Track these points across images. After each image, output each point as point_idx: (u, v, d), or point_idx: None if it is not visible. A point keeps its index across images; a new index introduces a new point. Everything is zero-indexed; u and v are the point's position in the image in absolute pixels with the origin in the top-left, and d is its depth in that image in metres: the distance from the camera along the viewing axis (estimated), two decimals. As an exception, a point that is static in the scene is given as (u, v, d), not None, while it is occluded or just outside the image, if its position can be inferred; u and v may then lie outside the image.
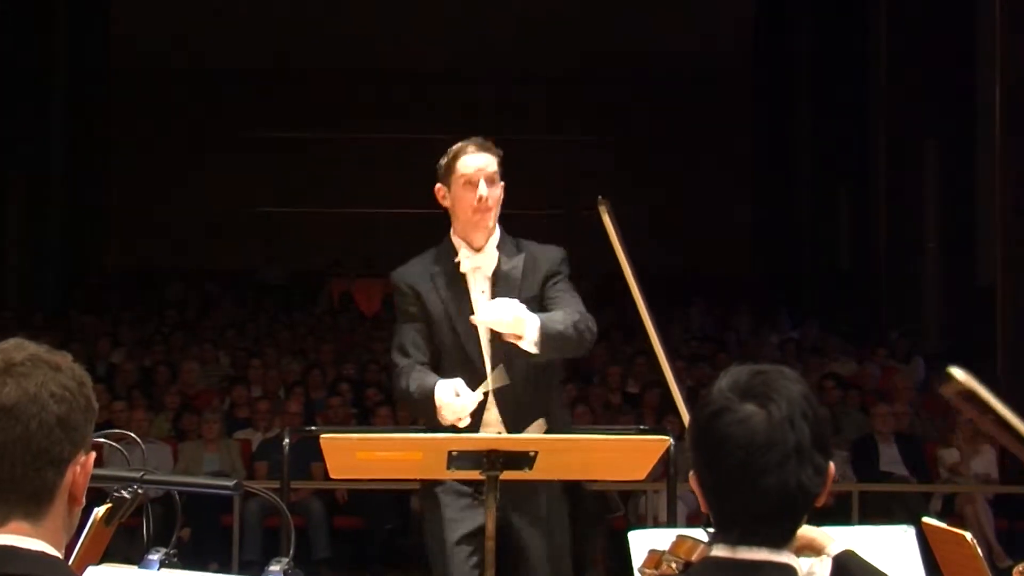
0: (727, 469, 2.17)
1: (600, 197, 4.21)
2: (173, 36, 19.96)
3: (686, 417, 4.11)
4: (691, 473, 2.26)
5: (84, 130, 18.71)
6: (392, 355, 4.39)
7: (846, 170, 17.42)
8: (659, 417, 10.01)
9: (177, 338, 13.83)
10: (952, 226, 14.40)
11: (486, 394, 4.26)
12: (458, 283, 4.37)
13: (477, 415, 4.26)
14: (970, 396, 2.26)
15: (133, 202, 20.17)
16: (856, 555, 2.50)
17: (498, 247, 4.41)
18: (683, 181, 20.59)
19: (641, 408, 11.01)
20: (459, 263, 4.38)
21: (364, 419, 10.66)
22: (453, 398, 4.12)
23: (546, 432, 4.33)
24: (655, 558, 2.57)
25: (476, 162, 4.37)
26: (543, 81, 20.47)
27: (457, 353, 4.33)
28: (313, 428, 8.12)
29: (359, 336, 14.55)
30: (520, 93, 20.54)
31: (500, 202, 4.44)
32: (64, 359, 2.11)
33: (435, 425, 4.21)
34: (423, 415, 4.33)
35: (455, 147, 4.42)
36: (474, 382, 4.21)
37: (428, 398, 4.16)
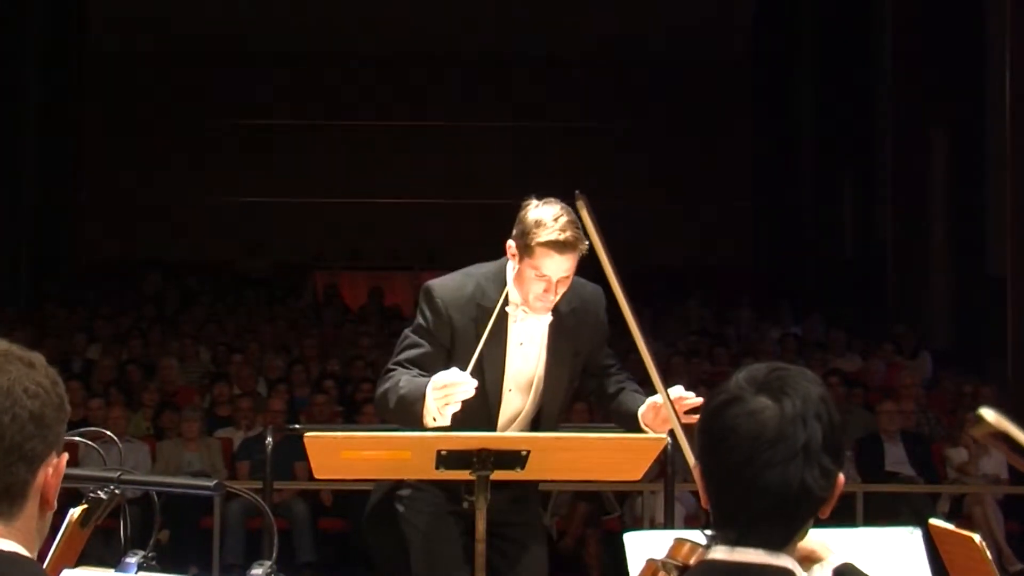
0: (731, 460, 2.13)
1: (577, 192, 4.01)
2: (147, 24, 19.79)
3: (674, 420, 4.01)
4: (694, 464, 2.23)
5: (62, 121, 18.60)
6: (391, 362, 4.21)
7: (850, 158, 17.33)
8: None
9: (155, 333, 13.68)
10: (960, 216, 14.25)
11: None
12: (500, 326, 4.17)
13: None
14: (1002, 437, 2.05)
15: (109, 194, 20.01)
16: (856, 568, 2.40)
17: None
18: (682, 172, 20.48)
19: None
20: (508, 312, 4.20)
21: (350, 417, 10.53)
22: (454, 376, 3.92)
23: None
24: (652, 567, 2.42)
25: (559, 267, 4.12)
26: (540, 72, 20.35)
27: (476, 392, 4.11)
28: (297, 426, 8.20)
29: (345, 331, 14.36)
30: (516, 83, 20.40)
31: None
32: (37, 357, 2.10)
33: (415, 427, 4.05)
34: (401, 419, 4.10)
35: (541, 222, 4.10)
36: (485, 421, 4.13)
37: (416, 397, 3.96)
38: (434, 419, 3.93)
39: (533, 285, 4.12)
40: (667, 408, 4.07)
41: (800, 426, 2.11)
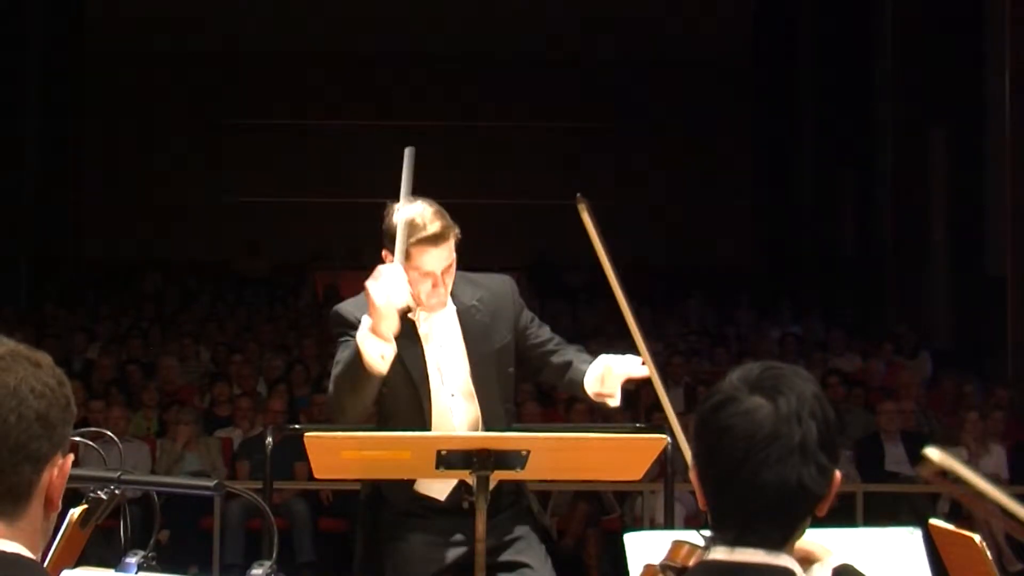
0: (727, 460, 2.13)
1: (578, 195, 4.01)
2: (148, 25, 19.76)
3: (673, 419, 4.03)
4: (691, 465, 2.23)
5: (61, 121, 18.62)
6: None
7: (850, 158, 17.29)
8: (648, 414, 9.77)
9: (155, 333, 13.66)
10: (960, 216, 14.22)
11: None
12: (411, 331, 4.13)
13: (447, 418, 4.14)
14: (948, 475, 2.06)
15: (108, 194, 19.98)
16: (855, 569, 2.41)
17: (453, 298, 4.21)
18: (682, 170, 20.47)
19: (636, 405, 10.79)
20: (414, 319, 4.16)
21: (350, 417, 10.39)
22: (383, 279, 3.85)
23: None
24: (651, 571, 2.44)
25: (438, 259, 4.11)
26: (538, 69, 20.33)
27: (408, 397, 4.12)
28: (297, 426, 8.08)
29: (344, 331, 14.30)
30: (515, 83, 20.38)
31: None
32: (44, 357, 2.10)
33: (364, 386, 3.91)
34: (349, 387, 3.97)
35: (408, 223, 4.06)
36: (421, 426, 4.09)
37: (354, 354, 3.87)
38: (382, 356, 3.85)
39: (421, 285, 4.10)
40: (668, 413, 4.08)
41: (795, 424, 2.12)
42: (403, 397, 4.12)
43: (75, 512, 2.89)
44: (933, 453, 2.11)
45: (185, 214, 20.05)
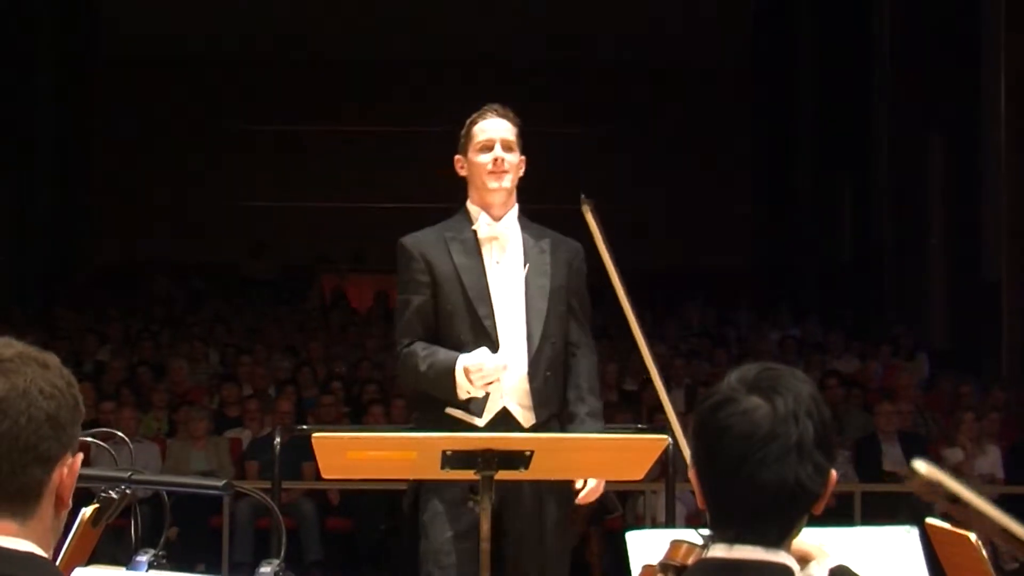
0: (726, 460, 2.15)
1: (583, 196, 4.16)
2: (155, 29, 19.79)
3: (673, 419, 4.15)
4: (690, 464, 2.25)
5: (70, 125, 18.64)
6: (398, 330, 4.38)
7: (848, 162, 17.30)
8: (649, 415, 9.85)
9: (164, 335, 13.68)
10: (957, 219, 14.26)
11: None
12: (473, 248, 4.36)
13: (482, 403, 4.27)
14: (937, 488, 2.17)
15: (118, 197, 20.02)
16: (851, 571, 2.43)
17: (520, 222, 4.43)
18: (682, 174, 20.47)
19: (639, 406, 10.88)
20: (476, 230, 4.37)
21: (357, 418, 10.56)
22: (484, 359, 4.12)
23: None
24: (650, 572, 2.48)
25: (492, 126, 4.41)
26: (540, 74, 20.33)
27: (467, 315, 4.31)
28: (304, 427, 8.07)
29: (351, 333, 14.39)
30: (516, 85, 20.39)
31: (519, 172, 4.45)
32: (52, 359, 2.11)
33: (450, 400, 4.21)
34: (436, 394, 4.27)
35: (473, 115, 4.47)
36: (486, 345, 4.25)
37: (446, 373, 4.17)
38: (468, 392, 4.16)
39: (481, 159, 4.36)
40: (668, 413, 4.19)
41: (792, 424, 2.14)
42: (458, 302, 4.30)
43: (87, 511, 2.92)
44: (920, 466, 2.21)
45: (193, 217, 20.09)
